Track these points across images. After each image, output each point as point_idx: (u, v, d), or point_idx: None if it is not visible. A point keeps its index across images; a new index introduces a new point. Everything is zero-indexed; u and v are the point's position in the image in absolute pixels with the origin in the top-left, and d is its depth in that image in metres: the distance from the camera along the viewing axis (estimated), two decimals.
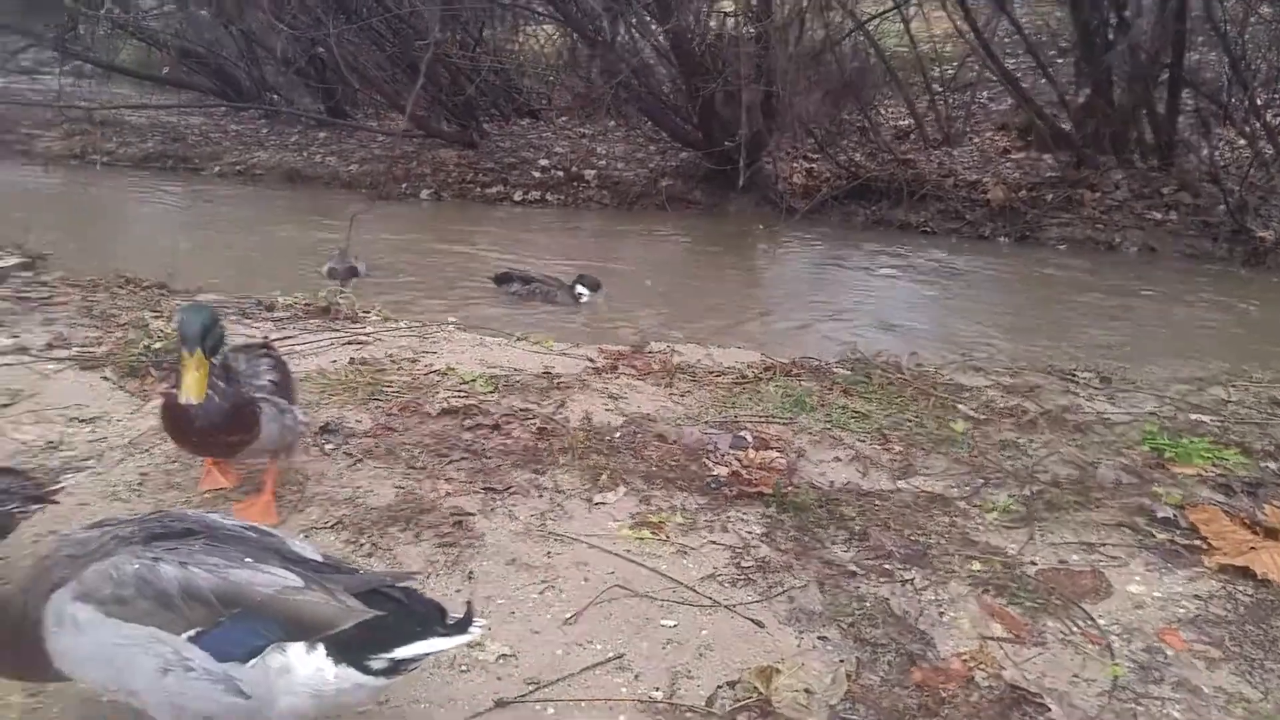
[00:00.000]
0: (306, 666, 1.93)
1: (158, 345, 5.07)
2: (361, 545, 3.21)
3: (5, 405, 4.23)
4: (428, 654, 2.02)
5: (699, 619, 2.92)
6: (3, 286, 5.78)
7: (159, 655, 1.90)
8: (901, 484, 3.92)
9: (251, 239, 10.45)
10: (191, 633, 1.90)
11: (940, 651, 2.83)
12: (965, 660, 2.76)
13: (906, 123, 13.95)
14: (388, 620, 1.99)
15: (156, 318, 5.71)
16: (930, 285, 9.65)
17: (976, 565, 3.29)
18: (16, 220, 8.00)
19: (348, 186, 13.32)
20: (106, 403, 4.36)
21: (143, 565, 1.93)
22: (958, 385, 5.22)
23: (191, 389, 2.85)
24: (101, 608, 1.90)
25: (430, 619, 2.04)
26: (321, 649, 1.93)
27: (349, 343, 5.35)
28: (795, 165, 13.03)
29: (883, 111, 14.25)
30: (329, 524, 3.33)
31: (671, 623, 2.89)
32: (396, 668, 1.98)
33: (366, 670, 1.95)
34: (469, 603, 2.15)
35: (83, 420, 4.15)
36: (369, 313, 6.13)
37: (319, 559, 2.13)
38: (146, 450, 3.83)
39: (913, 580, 3.18)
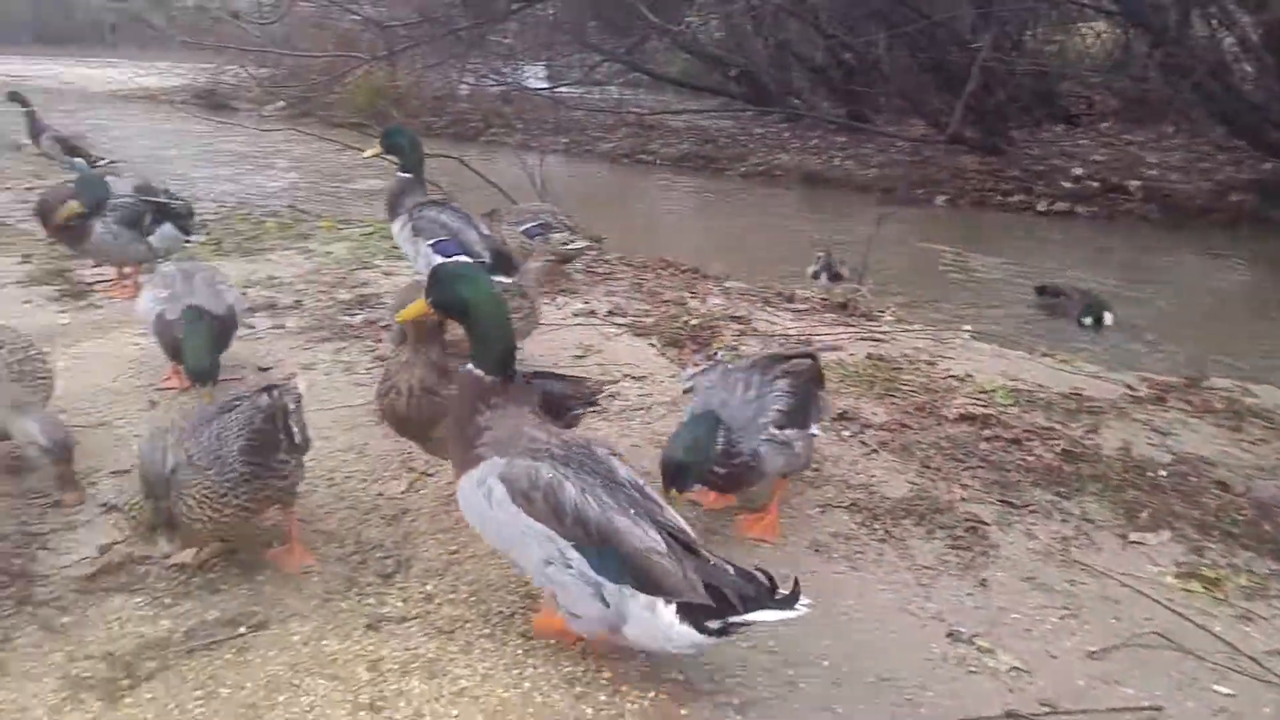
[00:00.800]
0: (661, 615, 2.23)
1: (694, 322, 5.65)
2: (874, 530, 3.28)
3: (579, 356, 5.03)
4: (757, 622, 2.25)
5: (1264, 695, 2.50)
6: (576, 262, 6.85)
7: (545, 549, 2.31)
8: None
9: (770, 235, 11.13)
10: (571, 543, 2.28)
11: None
12: None
13: None
14: (721, 594, 2.22)
15: (693, 298, 6.37)
16: None
17: None
18: (584, 207, 9.40)
19: (862, 190, 13.52)
20: (653, 365, 4.97)
21: (554, 478, 2.31)
22: None
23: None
24: (511, 495, 2.33)
25: (762, 591, 2.25)
26: (673, 606, 2.22)
27: (864, 339, 5.46)
28: None
29: None
30: (843, 504, 3.45)
31: (1225, 690, 2.52)
32: (727, 630, 2.24)
33: (703, 630, 2.22)
34: (796, 580, 2.28)
35: (635, 377, 4.77)
36: (884, 313, 6.18)
37: (688, 531, 2.36)
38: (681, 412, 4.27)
39: None
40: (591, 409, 3.60)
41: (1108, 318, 7.13)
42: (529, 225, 6.40)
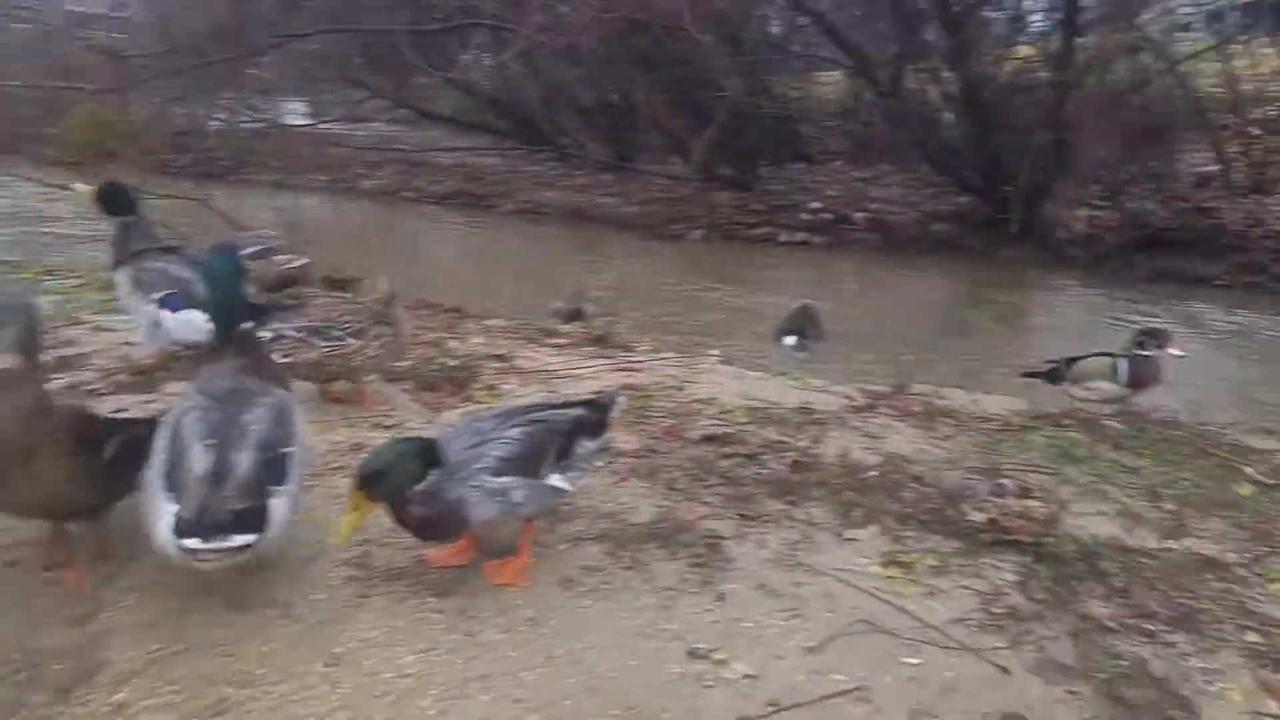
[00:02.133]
0: (162, 515, 2.63)
1: (452, 364, 5.53)
2: (620, 558, 3.35)
3: None
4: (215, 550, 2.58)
5: (944, 660, 2.88)
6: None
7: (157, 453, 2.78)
8: (1171, 544, 3.69)
9: (534, 271, 11.36)
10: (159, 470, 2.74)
11: None
12: None
13: (1209, 169, 12.83)
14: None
15: (452, 339, 6.25)
16: (1219, 343, 8.82)
17: (1253, 636, 3.06)
18: (346, 245, 9.20)
19: (624, 227, 14.07)
20: (405, 413, 4.79)
21: (186, 407, 2.86)
22: (1245, 447, 4.80)
23: None
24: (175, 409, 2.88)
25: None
26: (171, 518, 2.61)
27: (620, 369, 5.69)
28: (1078, 213, 12.37)
29: (1183, 157, 13.20)
30: (592, 536, 3.49)
31: (915, 661, 2.88)
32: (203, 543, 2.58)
33: (177, 545, 2.59)
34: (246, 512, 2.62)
35: (384, 427, 4.54)
36: (639, 343, 6.49)
37: (222, 470, 2.69)
38: None
39: (1177, 644, 3.01)
40: None
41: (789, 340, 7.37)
42: (252, 250, 6.18)
